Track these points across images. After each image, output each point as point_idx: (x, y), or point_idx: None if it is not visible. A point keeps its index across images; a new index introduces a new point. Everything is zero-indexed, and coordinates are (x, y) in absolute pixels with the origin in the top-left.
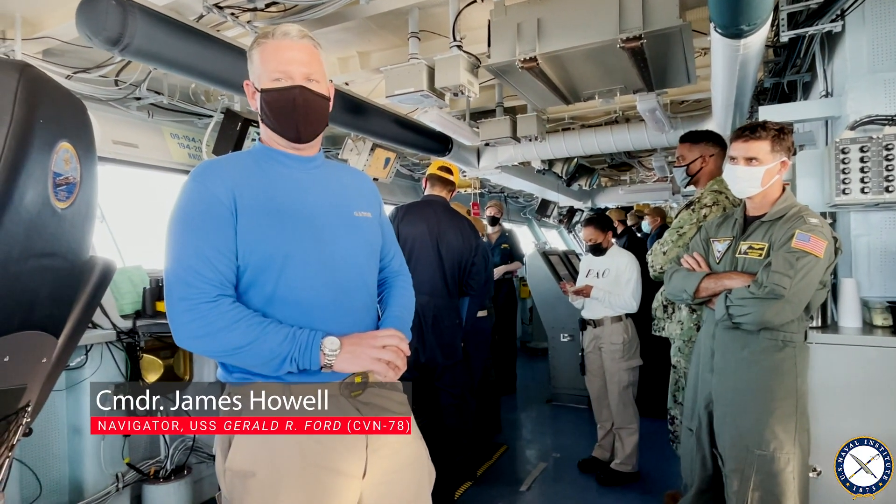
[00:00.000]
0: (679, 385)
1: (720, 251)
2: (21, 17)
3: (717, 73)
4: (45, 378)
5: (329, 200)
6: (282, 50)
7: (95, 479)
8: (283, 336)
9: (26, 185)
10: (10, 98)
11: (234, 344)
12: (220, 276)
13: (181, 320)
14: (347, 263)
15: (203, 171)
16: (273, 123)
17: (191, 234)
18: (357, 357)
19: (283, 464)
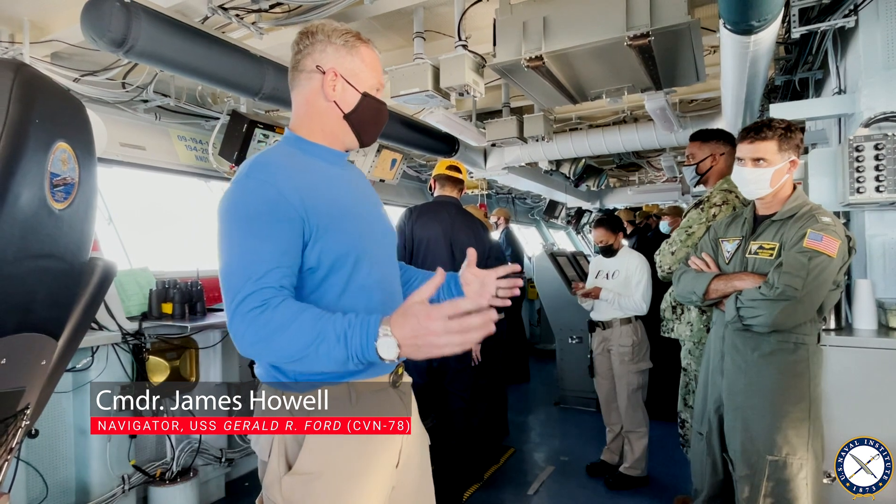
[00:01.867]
0: (689, 388)
1: (729, 251)
2: (29, 21)
3: (727, 71)
4: (45, 380)
5: (365, 200)
6: (379, 63)
7: (102, 480)
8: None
9: (21, 186)
10: (4, 97)
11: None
12: (280, 279)
13: (237, 327)
14: (389, 258)
15: (264, 168)
16: (361, 127)
17: (254, 239)
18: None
19: (349, 463)
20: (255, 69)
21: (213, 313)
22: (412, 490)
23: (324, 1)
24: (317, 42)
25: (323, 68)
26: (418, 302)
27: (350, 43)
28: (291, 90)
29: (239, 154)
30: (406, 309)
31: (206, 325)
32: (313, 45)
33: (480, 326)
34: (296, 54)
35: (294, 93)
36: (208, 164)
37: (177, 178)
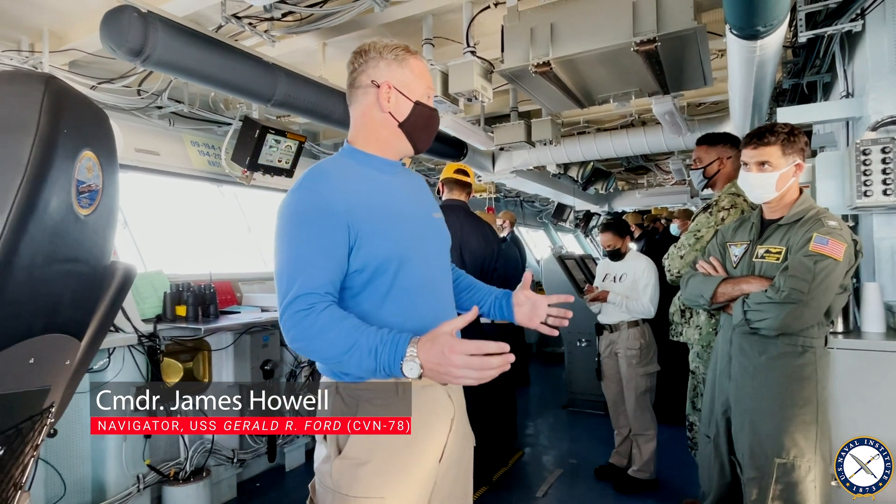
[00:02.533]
0: (697, 391)
1: (737, 255)
2: (48, 31)
3: (734, 75)
4: (68, 380)
5: (416, 204)
6: (429, 73)
7: (117, 479)
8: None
9: (51, 193)
10: (35, 109)
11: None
12: (325, 285)
13: (284, 326)
14: (438, 262)
15: (316, 179)
16: (415, 134)
17: (303, 245)
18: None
19: (394, 454)
20: (267, 76)
21: (226, 316)
22: (452, 487)
23: (334, 10)
24: (370, 59)
25: (377, 82)
26: (447, 332)
27: (400, 56)
28: (349, 106)
29: (251, 159)
30: (435, 336)
31: (219, 327)
32: (367, 62)
33: (497, 367)
34: (351, 73)
35: (352, 108)
36: (220, 168)
37: (189, 183)
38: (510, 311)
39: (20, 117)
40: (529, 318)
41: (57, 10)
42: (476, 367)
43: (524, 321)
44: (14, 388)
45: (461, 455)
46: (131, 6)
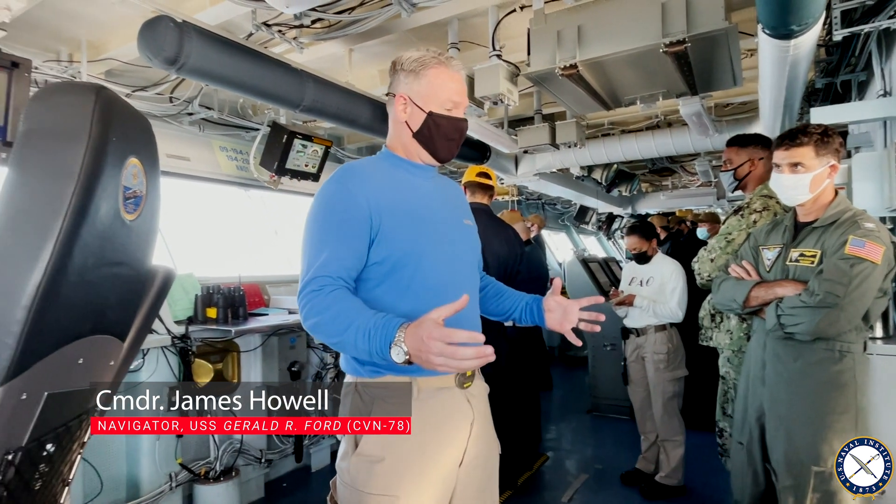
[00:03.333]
0: (728, 397)
1: (770, 259)
2: (86, 41)
3: (765, 75)
4: (112, 380)
5: (446, 208)
6: (455, 80)
7: (151, 477)
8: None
9: (101, 199)
10: (87, 118)
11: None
12: (338, 270)
13: (300, 307)
14: (463, 262)
15: (345, 175)
16: (430, 144)
17: (324, 233)
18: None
19: (407, 453)
20: (296, 82)
21: (254, 318)
22: (476, 492)
23: (362, 16)
24: (395, 72)
25: (395, 94)
26: (432, 319)
27: (417, 68)
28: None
29: (279, 164)
30: (420, 322)
31: (248, 329)
32: (394, 75)
33: (472, 357)
34: (389, 85)
35: (389, 116)
36: (248, 173)
37: (218, 187)
38: (541, 317)
39: (73, 126)
40: (560, 323)
41: (94, 21)
42: (449, 354)
43: (555, 326)
44: (65, 388)
45: (485, 461)
46: (167, 17)
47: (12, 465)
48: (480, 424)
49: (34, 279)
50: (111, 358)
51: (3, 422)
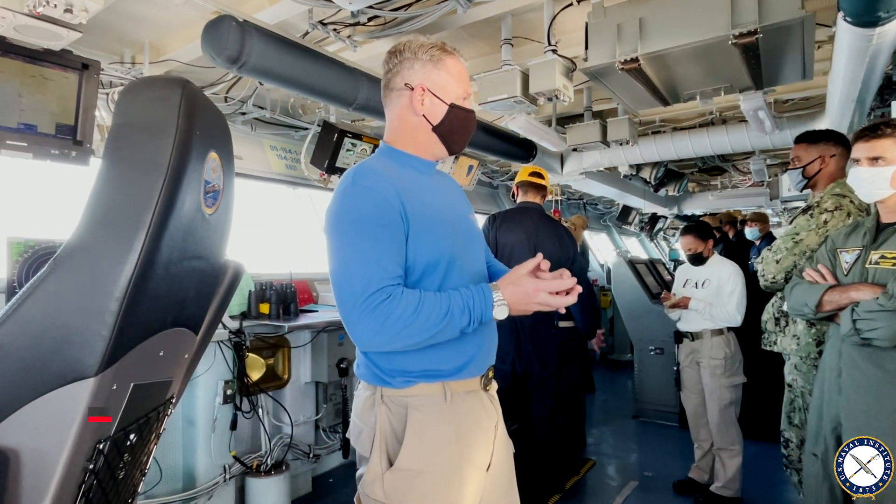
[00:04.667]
0: (795, 405)
1: (848, 262)
2: (149, 43)
3: (839, 68)
4: (184, 372)
5: (455, 205)
6: (466, 73)
7: (206, 468)
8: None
9: (186, 193)
10: (174, 111)
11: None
12: (395, 276)
13: (369, 323)
14: (479, 263)
15: (368, 175)
16: (450, 137)
17: (368, 240)
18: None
19: (447, 462)
20: (350, 81)
21: (305, 314)
22: (502, 494)
23: (418, 13)
24: (404, 60)
25: (411, 85)
26: (525, 275)
27: (436, 57)
28: (385, 107)
29: (329, 162)
30: (516, 280)
31: (301, 325)
32: (401, 63)
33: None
34: (386, 73)
35: (387, 109)
36: (297, 171)
37: (268, 186)
38: None
39: (161, 120)
40: None
41: (156, 23)
42: (551, 303)
43: None
44: (148, 379)
45: (506, 463)
46: (230, 16)
47: (102, 454)
48: (501, 424)
49: (127, 271)
50: (186, 351)
51: (97, 411)
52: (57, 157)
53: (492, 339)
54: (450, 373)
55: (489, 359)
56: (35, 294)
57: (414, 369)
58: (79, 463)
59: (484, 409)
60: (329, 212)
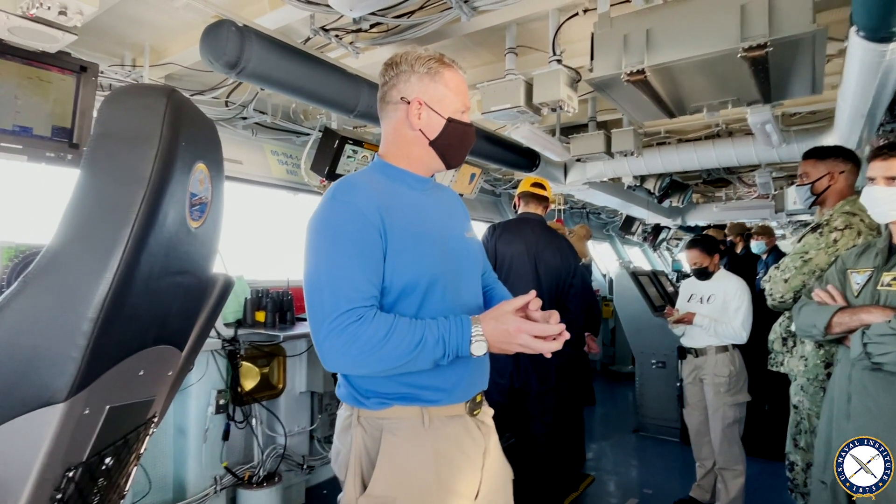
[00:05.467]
0: (800, 428)
1: (859, 283)
2: (149, 46)
3: (850, 82)
4: (168, 389)
5: (448, 223)
6: (464, 84)
7: (196, 479)
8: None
9: (169, 206)
10: (158, 122)
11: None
12: (368, 297)
13: (334, 344)
14: (469, 284)
15: (349, 190)
16: (448, 151)
17: (342, 256)
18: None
19: (423, 489)
20: (351, 88)
21: (302, 323)
22: None
23: (421, 20)
24: (401, 73)
25: (408, 98)
26: (510, 312)
27: (433, 69)
28: (381, 120)
29: (330, 169)
30: (499, 316)
31: (298, 334)
32: (398, 75)
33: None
34: (382, 86)
35: (383, 122)
36: (298, 177)
37: (268, 191)
38: None
39: (144, 130)
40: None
41: (157, 26)
42: (534, 347)
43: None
44: (126, 400)
45: (501, 490)
46: (229, 21)
47: (73, 482)
48: (493, 450)
49: (101, 290)
50: (170, 368)
51: (66, 438)
52: (52, 160)
53: (479, 367)
54: (428, 401)
55: (476, 386)
56: (3, 313)
57: (389, 391)
58: (45, 492)
59: (469, 434)
60: (308, 224)
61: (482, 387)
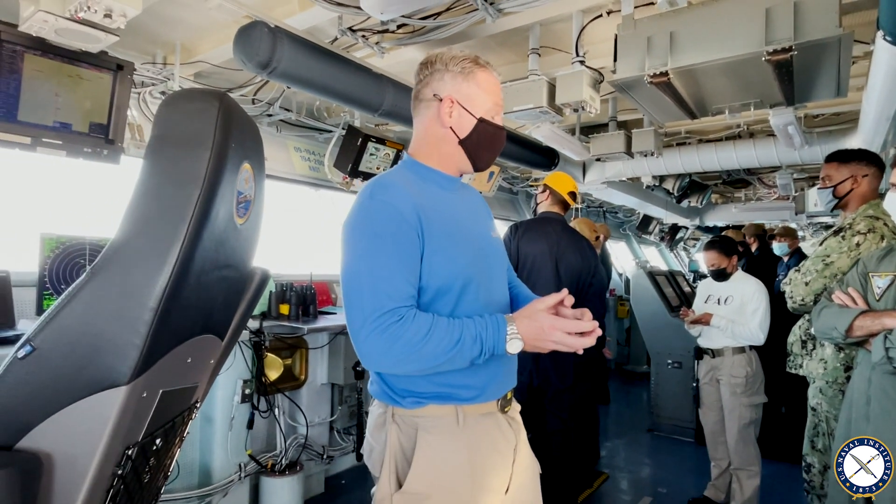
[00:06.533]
0: (818, 430)
1: (881, 287)
2: (180, 45)
3: (875, 86)
4: (209, 377)
5: (478, 223)
6: (499, 87)
7: (222, 465)
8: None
9: (220, 204)
10: (212, 125)
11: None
12: (407, 296)
13: (376, 343)
14: (499, 284)
15: (386, 189)
16: (477, 152)
17: (381, 256)
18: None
19: (457, 486)
20: (377, 87)
21: (324, 316)
22: None
23: (447, 21)
24: (435, 71)
25: (440, 96)
26: (543, 311)
27: (467, 69)
28: (413, 118)
29: (353, 166)
30: (532, 314)
31: (321, 326)
32: (432, 74)
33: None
34: (416, 84)
35: (416, 120)
36: (320, 173)
37: (291, 187)
38: None
39: (199, 133)
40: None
41: (188, 25)
42: (568, 343)
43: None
44: (176, 385)
45: (530, 485)
46: (262, 22)
47: (130, 460)
48: (523, 446)
49: (161, 282)
50: (212, 356)
51: (128, 418)
52: (89, 156)
53: (510, 365)
54: (463, 399)
55: (507, 384)
56: (72, 302)
57: (425, 391)
58: (108, 468)
59: (501, 431)
60: (345, 224)
61: (512, 384)
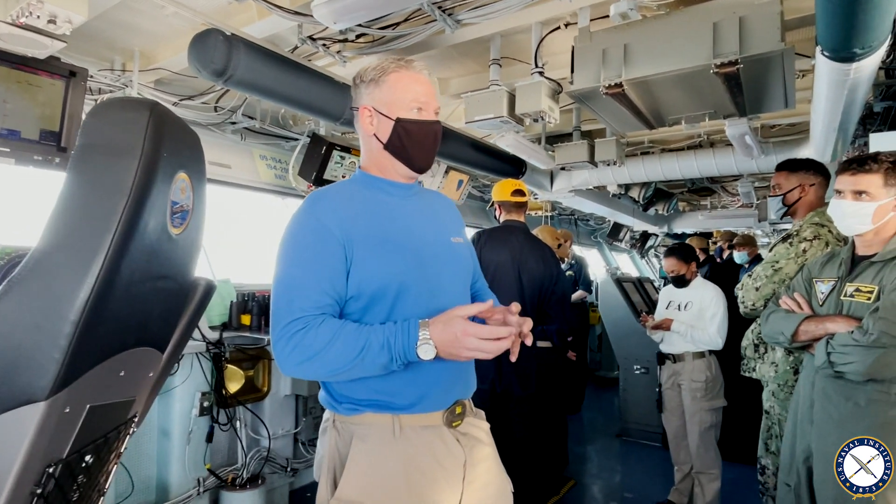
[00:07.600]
0: (772, 433)
1: (823, 293)
2: (139, 52)
3: (820, 98)
4: (149, 390)
5: (430, 229)
6: (419, 83)
7: (180, 481)
8: (380, 346)
9: (150, 215)
10: (140, 134)
11: (335, 367)
12: (318, 306)
13: (282, 350)
14: (449, 291)
15: (314, 203)
16: (404, 153)
17: (296, 267)
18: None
19: (391, 497)
20: (338, 96)
21: None
22: None
23: (406, 31)
24: (355, 87)
25: (358, 107)
26: (460, 317)
27: (377, 76)
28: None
29: (317, 174)
30: (449, 320)
31: None
32: (355, 89)
33: (500, 350)
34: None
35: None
36: (286, 182)
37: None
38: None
39: (127, 142)
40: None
41: (147, 32)
42: (483, 349)
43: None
44: (106, 400)
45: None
46: (217, 30)
47: (52, 478)
48: (482, 465)
49: (82, 295)
50: (151, 369)
51: (47, 435)
52: (40, 164)
53: (456, 373)
54: (400, 407)
55: (453, 394)
56: None
57: (361, 398)
58: (26, 487)
59: (446, 446)
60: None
61: (461, 396)
